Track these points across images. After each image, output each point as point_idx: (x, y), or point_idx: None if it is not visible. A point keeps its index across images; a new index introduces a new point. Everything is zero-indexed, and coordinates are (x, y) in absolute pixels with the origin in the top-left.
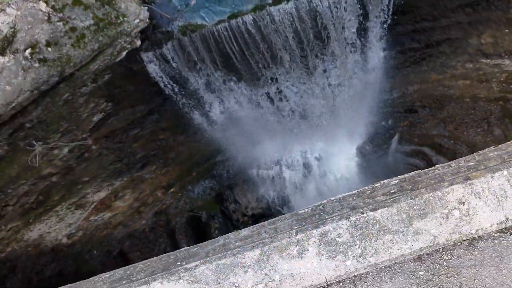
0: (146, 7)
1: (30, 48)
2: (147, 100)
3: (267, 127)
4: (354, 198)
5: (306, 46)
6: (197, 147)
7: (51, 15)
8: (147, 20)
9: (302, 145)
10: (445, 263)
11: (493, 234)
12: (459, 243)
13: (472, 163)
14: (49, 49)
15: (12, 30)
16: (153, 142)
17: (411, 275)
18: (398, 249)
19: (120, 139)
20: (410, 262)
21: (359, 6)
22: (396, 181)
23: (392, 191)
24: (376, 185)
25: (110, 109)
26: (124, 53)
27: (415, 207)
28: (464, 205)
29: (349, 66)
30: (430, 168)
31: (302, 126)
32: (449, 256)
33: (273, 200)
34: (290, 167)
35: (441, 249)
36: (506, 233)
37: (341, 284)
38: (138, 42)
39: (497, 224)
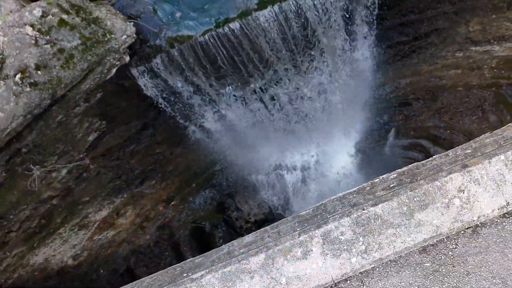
0: (132, 23)
1: (20, 73)
2: (141, 115)
3: (263, 132)
4: (355, 195)
5: (295, 48)
6: (194, 158)
7: (38, 38)
8: (134, 36)
9: (299, 148)
10: (450, 253)
11: (496, 220)
12: (462, 232)
13: (469, 151)
14: (39, 72)
15: (1, 56)
16: (150, 156)
17: (417, 268)
18: (402, 242)
19: (117, 156)
20: (415, 255)
21: (345, 4)
22: (395, 175)
23: (391, 185)
24: (375, 181)
25: (104, 127)
26: (114, 70)
27: (415, 199)
28: (464, 193)
29: (339, 65)
30: (427, 159)
31: (297, 129)
32: (454, 246)
33: (274, 204)
34: (289, 170)
35: (445, 239)
36: (509, 217)
37: (348, 282)
38: (127, 58)
39: (498, 209)
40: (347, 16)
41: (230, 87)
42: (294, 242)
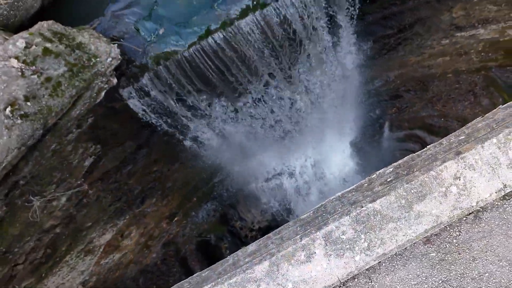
0: (116, 44)
1: (9, 106)
2: (134, 135)
3: (258, 140)
4: (353, 193)
5: (281, 53)
6: (192, 172)
7: (24, 69)
8: (119, 57)
9: (296, 152)
10: (454, 240)
11: (496, 203)
12: (464, 218)
13: (463, 137)
14: (29, 103)
15: None
16: (147, 175)
17: (423, 258)
18: (404, 235)
19: (115, 179)
20: (420, 246)
21: (326, 4)
22: (391, 169)
23: (388, 180)
24: (372, 177)
25: (99, 151)
26: (103, 94)
27: (412, 191)
28: (460, 180)
29: (326, 65)
30: (422, 150)
31: (292, 133)
32: (457, 233)
33: (277, 210)
34: (288, 175)
35: (448, 227)
36: (509, 199)
37: (356, 280)
38: (115, 80)
39: (495, 192)
40: (330, 16)
41: (221, 98)
42: (296, 246)
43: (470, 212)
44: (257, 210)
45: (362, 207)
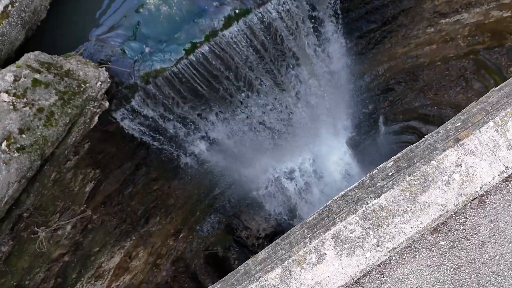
0: (104, 68)
1: (5, 141)
2: (131, 156)
3: (254, 147)
4: (356, 191)
5: (269, 59)
6: (192, 187)
7: (15, 103)
8: (109, 80)
9: (293, 155)
10: (462, 227)
11: (499, 186)
12: (469, 204)
13: (459, 124)
14: (24, 136)
15: None
16: (149, 194)
17: (432, 248)
18: (412, 227)
19: (117, 201)
20: (428, 236)
21: (308, 6)
22: (392, 163)
23: (390, 174)
24: (373, 172)
25: (99, 175)
26: (96, 118)
27: (415, 183)
28: (461, 167)
29: (315, 66)
30: (420, 141)
31: (288, 137)
32: (464, 219)
33: (281, 215)
34: (288, 178)
35: (454, 215)
36: (511, 180)
37: (368, 276)
38: (107, 103)
39: (498, 175)
40: (314, 17)
41: (213, 109)
42: (306, 249)
43: (475, 197)
44: (261, 217)
45: (368, 203)
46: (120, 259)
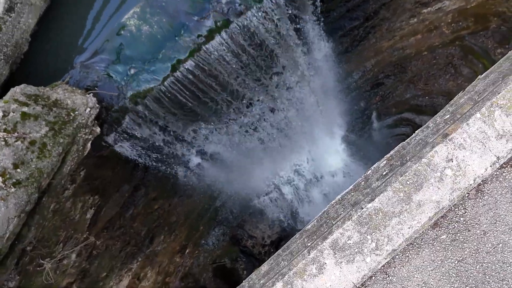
0: (91, 94)
1: (0, 177)
2: (129, 178)
3: (250, 155)
4: (352, 193)
5: (256, 67)
6: (193, 202)
7: (6, 138)
8: (97, 105)
9: (290, 159)
10: (462, 219)
11: (495, 173)
12: (467, 195)
13: (448, 116)
14: (18, 170)
15: None
16: (150, 214)
17: (435, 243)
18: (409, 228)
19: (119, 225)
20: (429, 232)
21: (288, 10)
22: (385, 162)
23: (384, 173)
24: (368, 173)
25: (98, 201)
26: (89, 145)
27: (408, 182)
28: (452, 161)
29: (302, 69)
30: (411, 136)
31: (282, 142)
32: (463, 211)
33: (284, 220)
34: (286, 183)
35: (453, 208)
36: (506, 166)
37: (373, 278)
38: (98, 129)
39: (490, 166)
40: (295, 21)
41: (205, 123)
42: (306, 261)
43: (470, 190)
44: (265, 225)
45: (362, 208)
46: (129, 281)
